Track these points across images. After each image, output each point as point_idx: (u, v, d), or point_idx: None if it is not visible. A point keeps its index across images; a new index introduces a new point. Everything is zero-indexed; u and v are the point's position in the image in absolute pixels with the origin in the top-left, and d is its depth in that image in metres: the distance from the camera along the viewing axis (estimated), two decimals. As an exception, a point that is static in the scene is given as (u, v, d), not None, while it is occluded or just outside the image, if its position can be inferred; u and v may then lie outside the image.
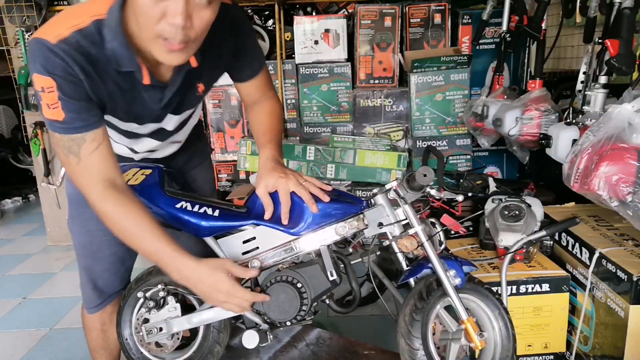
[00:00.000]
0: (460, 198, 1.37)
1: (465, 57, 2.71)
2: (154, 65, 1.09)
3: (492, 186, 2.14)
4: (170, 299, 1.34)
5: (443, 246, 1.33)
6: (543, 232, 1.63)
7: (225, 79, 1.33)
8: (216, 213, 1.26)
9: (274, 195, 1.28)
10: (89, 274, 1.43)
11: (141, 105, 1.14)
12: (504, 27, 2.36)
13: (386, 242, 1.31)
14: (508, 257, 1.61)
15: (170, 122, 1.27)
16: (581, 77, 1.73)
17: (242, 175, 3.11)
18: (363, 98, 2.92)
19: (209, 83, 1.28)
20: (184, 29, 0.94)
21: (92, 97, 1.05)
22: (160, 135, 1.30)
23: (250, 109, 1.40)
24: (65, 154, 1.06)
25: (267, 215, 1.22)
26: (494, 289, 1.51)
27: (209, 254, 1.30)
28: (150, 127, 1.25)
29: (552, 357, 1.70)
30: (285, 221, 1.21)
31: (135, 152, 1.36)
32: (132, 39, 1.02)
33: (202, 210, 1.25)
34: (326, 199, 1.21)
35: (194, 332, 1.40)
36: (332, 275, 1.25)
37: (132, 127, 1.22)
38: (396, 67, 2.90)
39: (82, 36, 1.00)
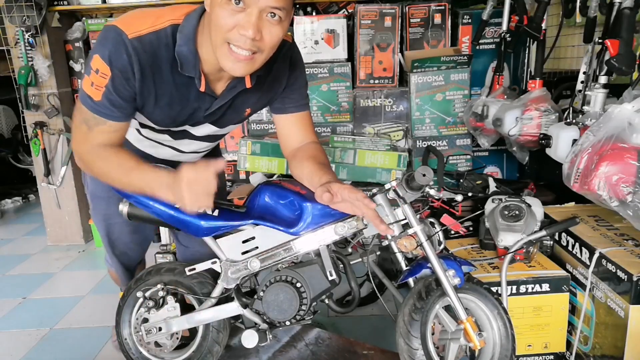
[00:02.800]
0: (459, 198, 1.37)
1: (465, 57, 2.71)
2: (211, 79, 1.16)
3: (492, 186, 2.14)
4: (170, 299, 1.35)
5: (442, 246, 1.34)
6: (543, 232, 1.63)
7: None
8: (215, 213, 1.26)
9: (273, 197, 1.28)
10: (114, 252, 1.63)
11: (187, 110, 1.19)
12: (504, 27, 2.35)
13: (385, 242, 1.31)
14: (508, 257, 1.61)
15: (204, 130, 1.30)
16: (581, 77, 1.73)
17: (242, 175, 3.10)
18: (363, 98, 2.92)
19: (255, 108, 1.32)
20: (253, 40, 1.00)
21: (135, 98, 1.11)
22: (188, 138, 1.34)
23: (292, 155, 1.32)
24: (80, 120, 1.13)
25: (326, 199, 1.11)
26: (494, 289, 1.52)
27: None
28: (183, 129, 1.29)
29: (552, 357, 1.70)
30: (387, 230, 1.13)
31: (153, 157, 1.42)
32: (199, 49, 1.09)
33: (201, 210, 1.25)
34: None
35: (193, 331, 1.41)
36: (331, 275, 1.25)
37: (164, 132, 1.29)
38: (396, 67, 2.89)
39: (156, 37, 1.06)
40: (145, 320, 1.36)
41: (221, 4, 0.99)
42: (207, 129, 1.30)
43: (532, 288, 1.61)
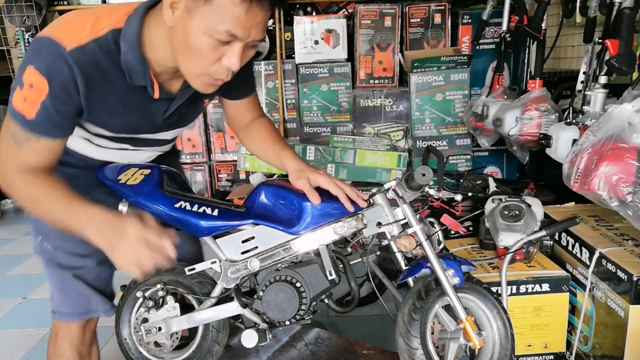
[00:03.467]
0: (458, 198, 1.37)
1: (465, 57, 2.71)
2: (164, 79, 1.09)
3: (492, 186, 2.14)
4: (169, 299, 1.34)
5: (442, 246, 1.34)
6: (543, 232, 1.63)
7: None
8: (215, 212, 1.26)
9: (273, 196, 1.28)
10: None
11: (143, 117, 1.13)
12: (504, 27, 2.35)
13: (385, 242, 1.31)
14: (508, 257, 1.61)
15: (166, 134, 1.27)
16: (581, 77, 1.72)
17: (242, 175, 3.11)
18: (363, 98, 2.92)
19: (211, 98, 1.34)
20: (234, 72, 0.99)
21: (79, 113, 1.01)
22: (149, 145, 1.28)
23: (243, 131, 1.41)
24: (8, 137, 1.01)
25: (316, 201, 1.20)
26: (494, 288, 1.51)
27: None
28: (144, 137, 1.23)
29: (552, 357, 1.69)
30: (350, 207, 1.21)
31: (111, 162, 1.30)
32: (147, 52, 1.02)
33: (201, 210, 1.25)
34: (363, 204, 1.23)
35: (192, 331, 1.41)
36: (331, 275, 1.25)
37: (123, 140, 1.20)
38: (396, 67, 2.90)
39: (98, 46, 0.97)
40: (145, 320, 1.36)
41: (205, 36, 0.92)
42: (168, 131, 1.25)
43: (532, 288, 1.61)
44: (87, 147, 1.22)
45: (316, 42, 2.90)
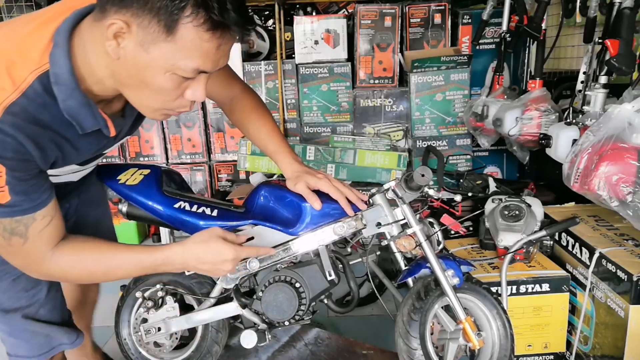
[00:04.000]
0: (458, 198, 1.37)
1: (465, 57, 2.71)
2: (108, 101, 0.94)
3: (492, 186, 2.13)
4: (169, 299, 1.34)
5: (441, 246, 1.33)
6: (543, 232, 1.62)
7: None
8: (214, 213, 1.26)
9: (273, 197, 1.28)
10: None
11: (98, 147, 1.01)
12: (504, 27, 2.35)
13: (385, 242, 1.31)
14: (508, 257, 1.61)
15: (116, 145, 1.13)
16: (581, 77, 1.72)
17: (242, 175, 3.10)
18: (363, 98, 2.92)
19: None
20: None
21: (43, 170, 0.89)
22: (94, 160, 1.13)
23: (231, 111, 1.30)
24: (5, 237, 0.88)
25: (317, 206, 1.20)
26: (494, 289, 1.51)
27: None
28: (93, 157, 1.09)
29: (552, 357, 1.69)
30: (350, 212, 1.21)
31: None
32: (85, 85, 0.86)
33: (200, 210, 1.25)
34: (363, 206, 1.23)
35: (192, 331, 1.41)
36: (330, 275, 1.25)
37: (69, 168, 1.04)
38: (396, 67, 2.89)
39: (28, 101, 0.80)
40: (145, 321, 1.36)
41: (167, 74, 0.80)
42: (123, 141, 1.15)
43: (532, 288, 1.61)
44: None
45: (316, 42, 2.90)
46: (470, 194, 2.10)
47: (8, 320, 1.11)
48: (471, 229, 2.19)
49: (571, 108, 1.71)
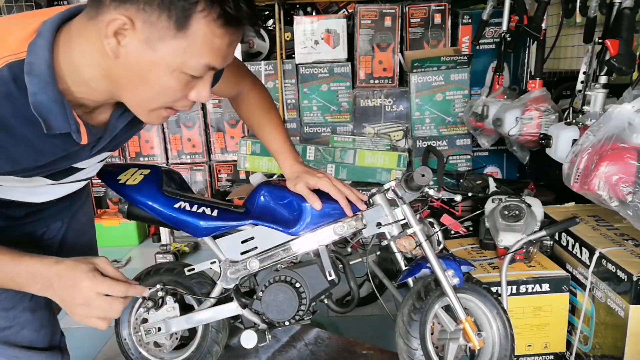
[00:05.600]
0: (458, 198, 1.37)
1: (465, 57, 2.71)
2: (87, 112, 0.86)
3: (492, 186, 2.13)
4: (169, 299, 1.34)
5: (441, 246, 1.33)
6: (543, 232, 1.62)
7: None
8: (214, 213, 1.26)
9: (273, 197, 1.28)
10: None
11: (62, 157, 0.89)
12: (504, 27, 2.35)
13: (385, 242, 1.31)
14: (508, 257, 1.61)
15: (95, 160, 1.02)
16: (581, 77, 1.72)
17: (242, 175, 3.11)
18: (363, 98, 2.92)
19: None
20: None
21: None
22: (72, 177, 1.03)
23: (238, 105, 1.28)
24: None
25: (318, 206, 1.20)
26: (494, 289, 1.51)
27: None
28: (67, 170, 0.98)
29: (552, 357, 1.69)
30: (350, 212, 1.21)
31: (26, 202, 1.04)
32: (62, 84, 0.78)
33: (200, 210, 1.26)
34: (363, 207, 1.23)
35: (192, 331, 1.41)
36: (330, 275, 1.25)
37: (38, 180, 0.95)
38: (396, 67, 2.89)
39: None
40: (145, 321, 1.36)
41: (175, 72, 0.76)
42: (98, 158, 1.02)
43: (532, 288, 1.61)
44: None
45: (316, 42, 2.90)
46: (470, 194, 2.10)
47: None
48: (471, 229, 2.19)
49: (571, 108, 1.71)
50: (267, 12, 3.24)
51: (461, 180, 2.30)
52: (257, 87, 1.27)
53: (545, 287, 1.61)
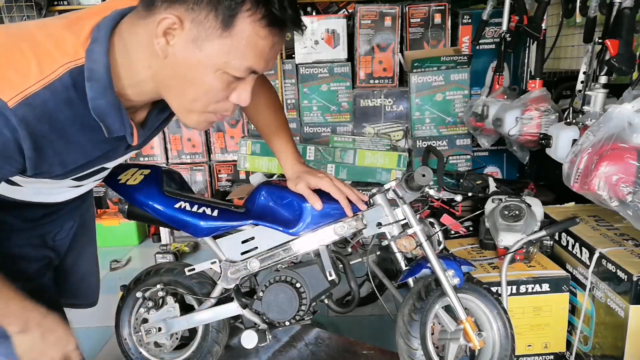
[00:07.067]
0: (458, 198, 1.37)
1: (465, 57, 2.71)
2: (132, 113, 0.88)
3: (492, 186, 2.13)
4: (169, 299, 1.35)
5: (442, 246, 1.34)
6: (543, 232, 1.62)
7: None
8: (215, 213, 1.26)
9: (273, 197, 1.28)
10: None
11: (101, 156, 0.91)
12: (504, 27, 2.35)
13: (385, 242, 1.31)
14: (508, 257, 1.61)
15: (121, 160, 1.04)
16: (581, 77, 1.72)
17: (242, 175, 3.11)
18: (363, 98, 2.92)
19: None
20: None
21: (17, 173, 0.81)
22: (94, 177, 1.04)
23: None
24: None
25: (318, 206, 1.21)
26: (494, 289, 1.51)
27: None
28: (94, 171, 0.99)
29: (552, 357, 1.69)
30: (350, 213, 1.21)
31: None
32: (118, 87, 0.80)
33: (200, 210, 1.26)
34: (363, 207, 1.23)
35: (192, 332, 1.41)
36: (330, 275, 1.25)
37: (65, 182, 0.96)
38: (396, 67, 2.89)
39: (51, 93, 0.74)
40: (145, 321, 1.36)
41: (219, 72, 0.77)
42: (125, 157, 1.04)
43: (532, 288, 1.61)
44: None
45: (316, 42, 2.90)
46: (470, 194, 2.10)
47: None
48: (471, 229, 2.19)
49: (571, 108, 1.71)
50: (267, 12, 3.24)
51: (461, 180, 2.30)
52: (265, 85, 1.27)
53: (545, 287, 1.61)
